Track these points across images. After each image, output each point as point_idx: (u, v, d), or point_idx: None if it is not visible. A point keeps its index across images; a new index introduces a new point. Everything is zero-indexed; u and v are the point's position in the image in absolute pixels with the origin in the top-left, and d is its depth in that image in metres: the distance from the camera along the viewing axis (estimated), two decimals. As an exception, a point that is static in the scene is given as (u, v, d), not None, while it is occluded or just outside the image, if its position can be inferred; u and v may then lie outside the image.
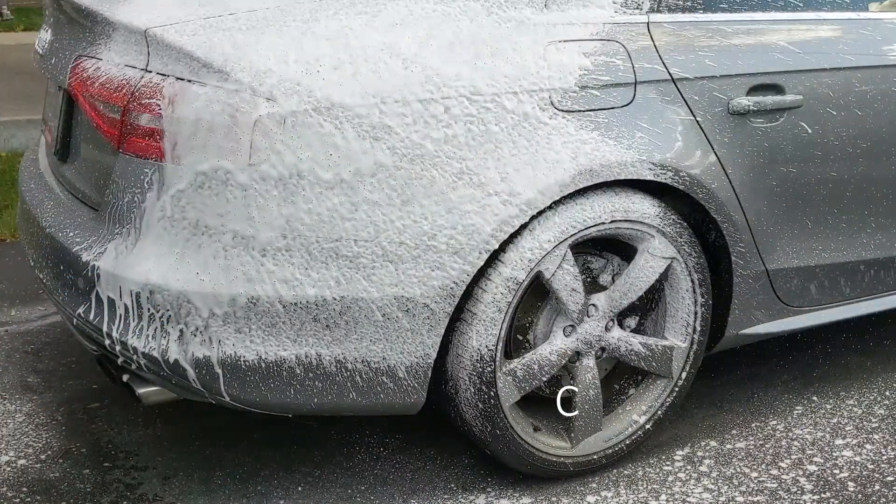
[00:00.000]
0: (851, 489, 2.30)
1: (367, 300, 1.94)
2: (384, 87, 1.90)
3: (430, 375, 2.06)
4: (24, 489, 2.30)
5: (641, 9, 2.19)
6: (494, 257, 2.04)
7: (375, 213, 1.91)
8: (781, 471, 2.37)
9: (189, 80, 1.88)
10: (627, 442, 2.37)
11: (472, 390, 2.12)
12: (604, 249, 2.35)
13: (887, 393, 2.78)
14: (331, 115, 1.87)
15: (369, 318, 1.96)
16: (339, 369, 1.99)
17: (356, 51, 1.92)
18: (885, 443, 2.50)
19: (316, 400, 2.01)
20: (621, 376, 2.47)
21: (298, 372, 1.97)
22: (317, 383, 1.99)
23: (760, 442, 2.51)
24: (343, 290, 1.93)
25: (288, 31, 1.92)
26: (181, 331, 1.91)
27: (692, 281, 2.32)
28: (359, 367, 1.99)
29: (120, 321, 1.94)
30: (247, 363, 1.93)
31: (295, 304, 1.91)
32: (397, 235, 1.93)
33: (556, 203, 2.07)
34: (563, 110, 2.05)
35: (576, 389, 2.29)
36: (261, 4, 1.99)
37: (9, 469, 2.38)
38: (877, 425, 2.59)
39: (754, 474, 2.36)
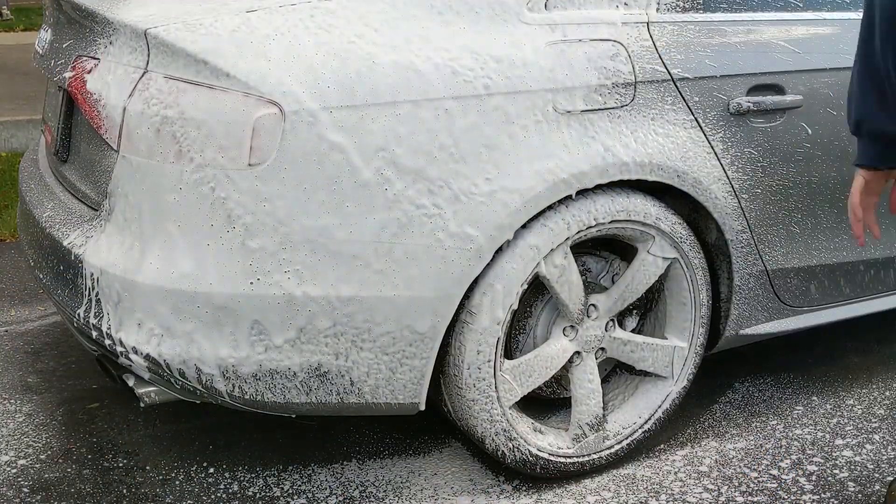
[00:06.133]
0: (851, 489, 2.30)
1: (368, 302, 1.94)
2: (385, 90, 1.90)
3: (429, 376, 2.06)
4: (25, 489, 2.30)
5: (642, 8, 2.18)
6: (494, 258, 2.04)
7: (378, 215, 1.91)
8: (781, 471, 2.37)
9: (189, 81, 1.88)
10: (627, 442, 2.37)
11: (472, 391, 2.12)
12: (604, 250, 2.35)
13: (887, 393, 2.78)
14: (333, 117, 1.87)
15: (370, 320, 1.96)
16: (340, 371, 1.99)
17: (358, 53, 1.92)
18: (885, 443, 2.50)
19: (317, 400, 2.01)
20: (621, 376, 2.47)
21: (300, 374, 1.97)
22: (318, 384, 1.99)
23: (760, 442, 2.51)
24: (344, 292, 1.93)
25: (290, 32, 1.92)
26: (183, 332, 1.91)
27: (692, 281, 2.32)
28: (360, 368, 1.99)
29: (120, 322, 1.94)
30: (248, 365, 1.93)
31: (296, 307, 1.91)
32: (399, 238, 1.93)
33: (556, 204, 2.08)
34: (563, 112, 2.05)
35: (576, 390, 2.29)
36: (261, 4, 1.98)
37: (9, 469, 2.38)
38: (877, 425, 2.59)
39: (754, 474, 2.36)
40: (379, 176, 1.90)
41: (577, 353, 2.28)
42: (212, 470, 2.38)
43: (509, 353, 2.27)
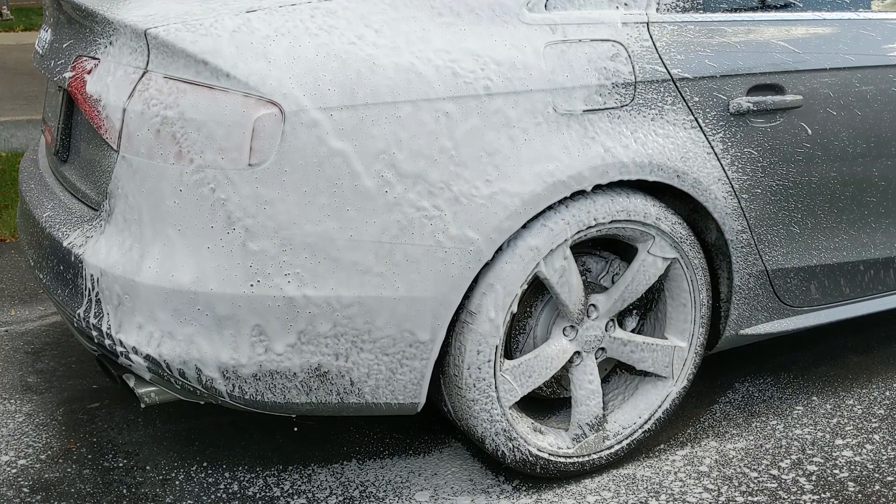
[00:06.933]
0: (851, 489, 2.30)
1: (368, 304, 1.94)
2: (385, 91, 1.90)
3: (429, 376, 2.06)
4: (25, 489, 2.30)
5: (642, 9, 2.18)
6: (494, 259, 2.04)
7: (378, 218, 1.91)
8: (781, 471, 2.37)
9: (189, 81, 1.88)
10: (628, 442, 2.37)
11: (472, 391, 2.12)
12: (604, 250, 2.35)
13: (887, 393, 2.78)
14: (333, 119, 1.87)
15: (370, 322, 1.96)
16: (340, 372, 1.99)
17: (359, 54, 1.92)
18: (885, 443, 2.50)
19: (317, 400, 2.01)
20: (621, 376, 2.47)
21: (300, 374, 1.97)
22: (318, 385, 1.99)
23: (760, 442, 2.51)
24: (344, 295, 1.92)
25: (290, 33, 1.92)
26: (183, 333, 1.91)
27: (692, 281, 2.33)
28: (360, 369, 1.99)
29: (120, 322, 1.94)
30: (248, 365, 1.93)
31: (297, 309, 1.91)
32: (399, 240, 1.93)
33: (556, 204, 2.08)
34: (563, 112, 2.04)
35: (576, 390, 2.29)
36: (261, 4, 1.98)
37: (9, 469, 2.38)
38: (877, 425, 2.59)
39: (754, 474, 2.36)
40: (379, 178, 1.90)
41: (577, 353, 2.29)
42: (212, 470, 2.38)
43: (509, 354, 2.27)
